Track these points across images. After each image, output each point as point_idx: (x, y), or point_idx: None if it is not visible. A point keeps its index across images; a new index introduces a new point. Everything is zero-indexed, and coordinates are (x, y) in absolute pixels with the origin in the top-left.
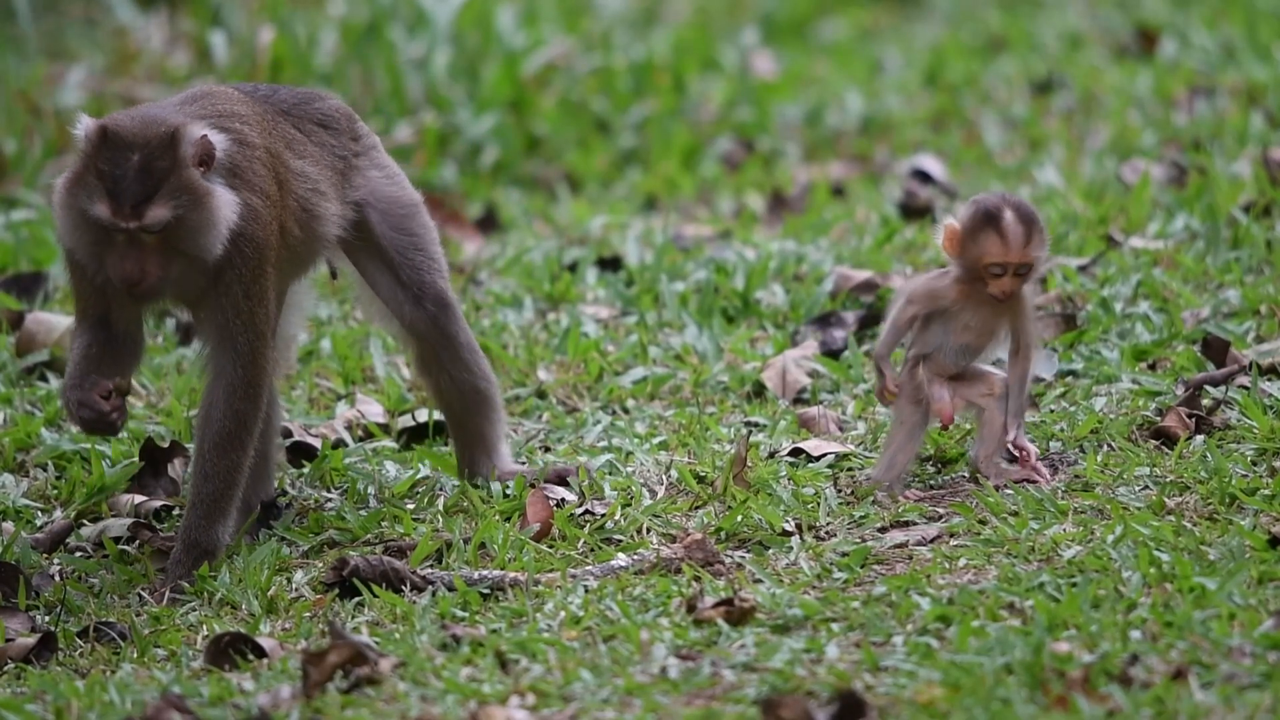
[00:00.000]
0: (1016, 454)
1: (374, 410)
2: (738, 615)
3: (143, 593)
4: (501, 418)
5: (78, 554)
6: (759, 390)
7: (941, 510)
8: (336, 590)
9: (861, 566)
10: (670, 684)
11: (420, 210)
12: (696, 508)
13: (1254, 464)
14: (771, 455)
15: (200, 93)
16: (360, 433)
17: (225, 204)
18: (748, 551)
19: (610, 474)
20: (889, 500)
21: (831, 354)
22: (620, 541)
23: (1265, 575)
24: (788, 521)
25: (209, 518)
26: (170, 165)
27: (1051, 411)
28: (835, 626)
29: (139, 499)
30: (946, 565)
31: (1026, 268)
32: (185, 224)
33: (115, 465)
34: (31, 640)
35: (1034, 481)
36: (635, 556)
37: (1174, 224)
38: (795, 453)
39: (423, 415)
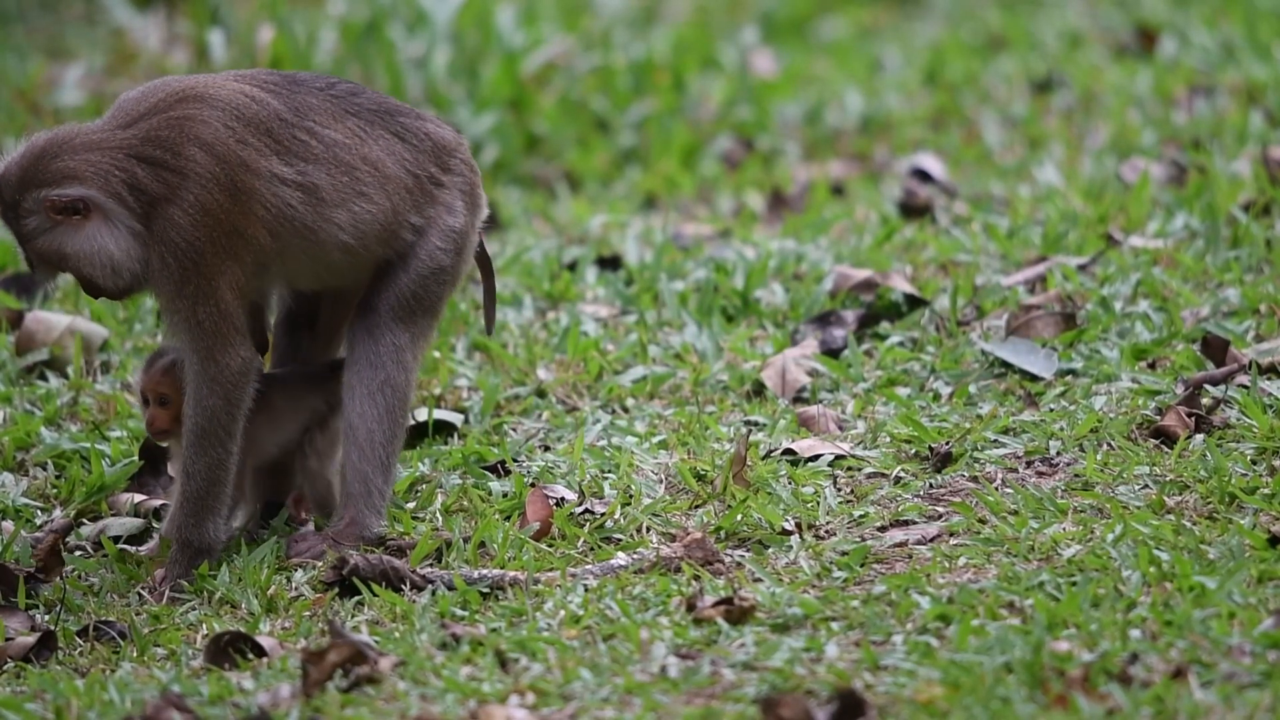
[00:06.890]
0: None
1: None
2: (737, 614)
3: (142, 591)
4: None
5: (77, 553)
6: (759, 389)
7: (941, 509)
8: (336, 589)
9: (861, 565)
10: (670, 683)
11: (445, 277)
12: (696, 507)
13: (1254, 463)
14: (770, 454)
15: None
16: None
17: (91, 243)
18: (747, 550)
19: (609, 473)
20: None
21: (831, 353)
22: (620, 540)
23: (1265, 574)
24: (787, 520)
25: (197, 515)
26: (13, 219)
27: (1051, 410)
28: (835, 625)
29: (139, 498)
30: (946, 564)
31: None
32: (62, 265)
33: (115, 464)
34: (31, 639)
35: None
36: (635, 555)
37: (1174, 223)
38: (794, 452)
39: (422, 415)
